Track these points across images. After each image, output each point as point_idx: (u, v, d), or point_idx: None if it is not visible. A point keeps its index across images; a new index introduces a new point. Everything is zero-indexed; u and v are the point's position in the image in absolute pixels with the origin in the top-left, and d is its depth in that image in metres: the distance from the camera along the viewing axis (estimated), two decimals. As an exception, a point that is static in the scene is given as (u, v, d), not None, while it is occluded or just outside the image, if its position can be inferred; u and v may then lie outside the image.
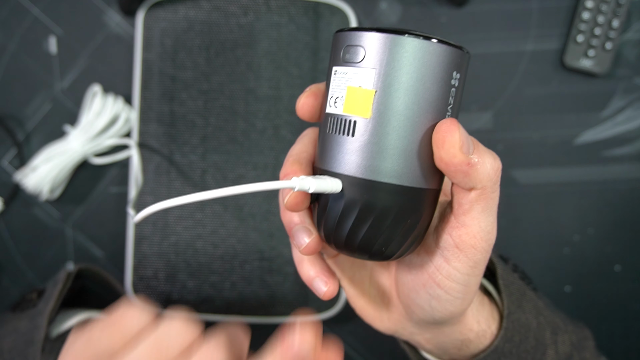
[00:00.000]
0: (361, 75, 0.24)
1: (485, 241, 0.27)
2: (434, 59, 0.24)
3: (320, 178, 0.25)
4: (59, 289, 0.37)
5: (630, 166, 0.51)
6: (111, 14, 0.50)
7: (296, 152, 0.28)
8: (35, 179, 0.47)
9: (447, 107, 0.25)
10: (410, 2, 0.51)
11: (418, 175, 0.25)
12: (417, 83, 0.24)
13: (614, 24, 0.49)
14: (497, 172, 0.27)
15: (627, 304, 0.52)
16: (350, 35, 0.25)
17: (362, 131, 0.25)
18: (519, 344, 0.34)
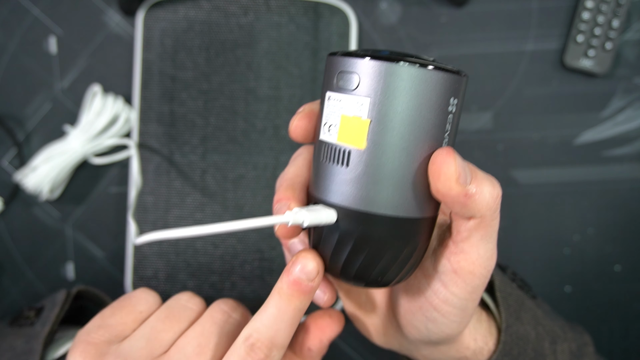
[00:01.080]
0: (355, 104, 0.24)
1: (484, 267, 0.27)
2: (431, 87, 0.23)
3: (314, 210, 0.25)
4: (56, 312, 0.36)
5: (630, 166, 0.51)
6: (111, 14, 0.50)
7: (290, 177, 0.27)
8: (35, 179, 0.47)
9: (444, 135, 0.24)
10: (410, 2, 0.51)
11: (414, 205, 0.25)
12: (413, 112, 0.23)
13: (614, 24, 0.49)
14: (496, 200, 0.26)
15: (627, 304, 0.52)
16: (344, 61, 0.24)
17: (356, 162, 0.24)
18: (517, 357, 0.33)
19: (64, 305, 0.37)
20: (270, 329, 0.26)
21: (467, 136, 0.50)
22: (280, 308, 0.26)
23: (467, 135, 0.50)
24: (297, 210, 0.24)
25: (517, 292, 0.36)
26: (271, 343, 0.26)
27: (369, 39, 0.50)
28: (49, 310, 0.37)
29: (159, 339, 0.28)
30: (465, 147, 0.50)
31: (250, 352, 0.26)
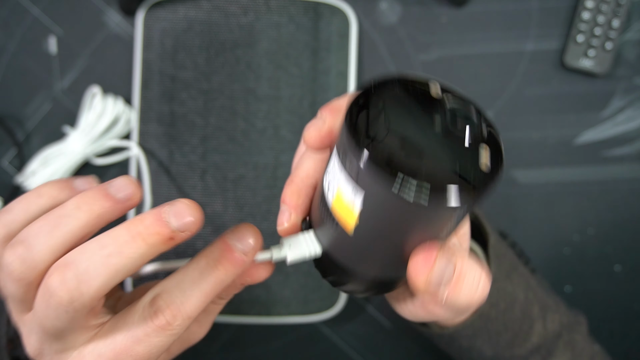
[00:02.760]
0: (351, 191, 0.21)
1: (478, 297, 0.25)
2: (433, 219, 0.20)
3: (298, 245, 0.25)
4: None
5: (630, 166, 0.51)
6: (111, 14, 0.50)
7: (300, 178, 0.26)
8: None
9: (437, 236, 0.22)
10: (410, 2, 0.51)
11: (392, 273, 0.24)
12: (404, 233, 0.21)
13: (614, 24, 0.49)
14: (480, 298, 0.24)
15: (627, 304, 0.52)
16: (352, 145, 0.20)
17: (342, 237, 0.23)
18: (505, 311, 0.34)
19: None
20: (183, 295, 0.24)
21: (467, 136, 0.50)
22: (202, 273, 0.24)
23: (467, 135, 0.50)
24: (281, 248, 0.25)
25: (512, 257, 0.37)
26: (179, 311, 0.23)
27: (369, 39, 0.50)
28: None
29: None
30: (465, 147, 0.50)
31: (154, 317, 0.23)
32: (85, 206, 0.23)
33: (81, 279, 0.22)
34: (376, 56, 0.51)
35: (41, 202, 0.25)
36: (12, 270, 0.23)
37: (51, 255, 0.23)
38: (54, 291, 0.22)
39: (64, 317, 0.22)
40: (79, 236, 0.23)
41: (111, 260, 0.22)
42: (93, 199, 0.24)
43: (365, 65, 0.51)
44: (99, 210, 0.24)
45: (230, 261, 0.24)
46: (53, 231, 0.23)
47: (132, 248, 0.22)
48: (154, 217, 0.22)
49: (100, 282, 0.22)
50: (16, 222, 0.25)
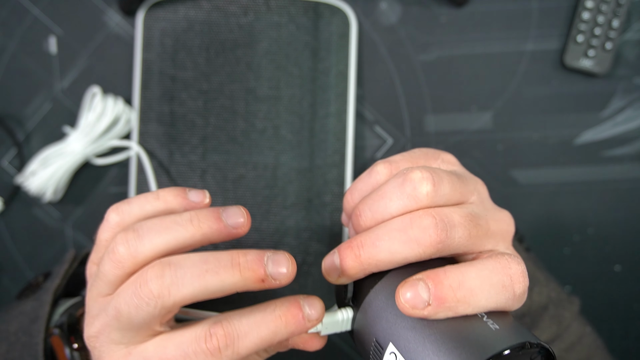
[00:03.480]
0: None
1: None
2: None
3: (335, 325, 0.27)
4: (65, 268, 0.37)
5: (630, 166, 0.51)
6: (111, 14, 0.50)
7: (371, 264, 0.26)
8: (38, 183, 0.47)
9: None
10: (410, 2, 0.51)
11: None
12: None
13: (614, 24, 0.49)
14: None
15: (627, 304, 0.52)
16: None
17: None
18: None
19: (72, 262, 0.37)
20: (242, 330, 0.25)
21: (467, 136, 0.50)
22: (266, 318, 0.25)
23: (467, 135, 0.50)
24: (320, 324, 0.27)
25: None
26: (232, 342, 0.25)
27: (369, 39, 0.50)
28: (57, 269, 0.37)
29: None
30: (465, 147, 0.50)
31: (209, 339, 0.24)
32: (196, 222, 0.26)
33: (176, 281, 0.24)
34: (376, 56, 0.51)
35: (156, 204, 0.28)
36: (116, 251, 0.25)
37: (154, 252, 0.25)
38: (149, 281, 0.24)
39: (143, 309, 0.24)
40: (182, 245, 0.26)
41: (207, 276, 0.24)
42: (206, 217, 0.26)
43: (365, 65, 0.51)
44: (207, 230, 0.26)
45: (295, 318, 0.26)
46: (164, 232, 0.25)
47: (227, 273, 0.24)
48: (256, 256, 0.25)
49: (189, 291, 0.24)
50: (131, 214, 0.28)
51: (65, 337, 0.31)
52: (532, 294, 0.39)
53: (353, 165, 0.49)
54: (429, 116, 0.51)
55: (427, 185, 0.25)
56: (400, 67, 0.51)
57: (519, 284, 0.24)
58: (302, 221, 0.48)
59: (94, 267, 0.29)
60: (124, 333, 0.25)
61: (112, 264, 0.25)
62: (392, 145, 0.51)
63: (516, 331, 0.23)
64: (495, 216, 0.27)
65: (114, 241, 0.25)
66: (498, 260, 0.24)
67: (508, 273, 0.24)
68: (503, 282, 0.24)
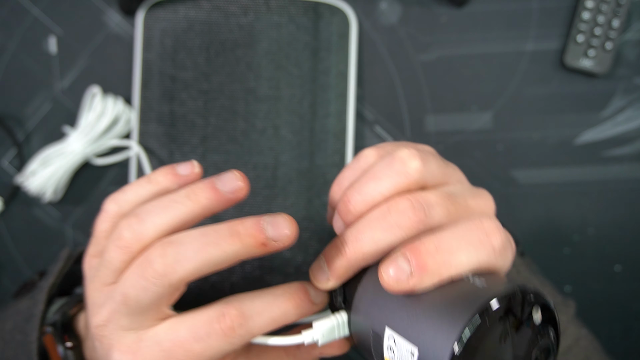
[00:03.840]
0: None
1: None
2: None
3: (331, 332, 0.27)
4: (60, 266, 0.37)
5: (630, 166, 0.51)
6: (111, 14, 0.50)
7: (357, 259, 0.26)
8: (38, 182, 0.47)
9: None
10: (410, 2, 0.51)
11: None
12: None
13: (614, 24, 0.49)
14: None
15: (627, 304, 0.52)
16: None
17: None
18: None
19: (67, 261, 0.37)
20: (254, 310, 0.25)
21: (467, 136, 0.50)
22: (276, 299, 0.26)
23: (467, 135, 0.50)
24: (314, 333, 0.27)
25: None
26: (245, 321, 0.25)
27: (369, 39, 0.50)
28: (52, 267, 0.37)
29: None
30: (465, 147, 0.50)
31: (221, 319, 0.25)
32: (193, 196, 0.26)
33: (179, 257, 0.24)
34: (376, 56, 0.51)
35: (149, 187, 0.29)
36: (122, 237, 0.25)
37: (158, 232, 0.25)
38: (153, 261, 0.24)
39: (151, 290, 0.24)
40: (184, 221, 0.26)
41: (208, 248, 0.24)
42: (201, 190, 0.26)
43: (365, 65, 0.51)
44: (205, 202, 0.26)
45: (302, 299, 0.27)
46: (163, 212, 0.25)
47: (228, 243, 0.24)
48: (254, 222, 0.25)
49: (193, 265, 0.24)
50: (128, 202, 0.28)
51: (59, 336, 0.31)
52: None
53: (353, 165, 0.49)
54: (429, 116, 0.51)
55: (415, 161, 0.25)
56: (400, 67, 0.51)
57: (495, 236, 0.24)
58: (302, 221, 0.48)
59: (94, 260, 0.29)
60: (133, 318, 0.25)
61: (119, 250, 0.25)
62: (392, 145, 0.51)
63: (506, 283, 0.23)
64: (473, 193, 0.27)
65: (118, 228, 0.26)
66: (470, 219, 0.25)
67: (481, 227, 0.24)
68: (479, 238, 0.24)
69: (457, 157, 0.50)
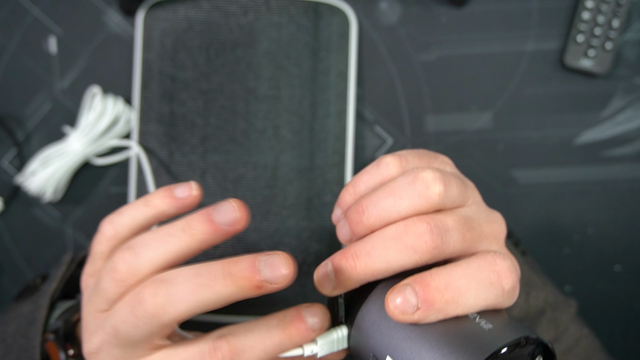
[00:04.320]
0: None
1: None
2: None
3: (331, 343, 0.26)
4: (63, 271, 0.37)
5: (630, 166, 0.51)
6: (111, 14, 0.50)
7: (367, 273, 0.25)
8: (38, 182, 0.47)
9: None
10: (410, 2, 0.51)
11: None
12: None
13: (614, 24, 0.49)
14: None
15: (627, 304, 0.52)
16: None
17: None
18: None
19: (70, 265, 0.37)
20: (247, 343, 0.25)
21: (467, 136, 0.50)
22: (270, 331, 0.25)
23: (467, 135, 0.50)
24: (314, 346, 0.26)
25: None
26: (237, 356, 0.25)
27: (369, 39, 0.50)
28: (54, 271, 0.37)
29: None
30: (465, 147, 0.50)
31: (213, 353, 0.24)
32: (189, 230, 0.25)
33: (170, 298, 0.23)
34: (376, 56, 0.51)
35: (146, 210, 0.29)
36: (117, 269, 0.25)
37: (153, 267, 0.25)
38: (144, 300, 0.23)
39: (141, 328, 0.24)
40: (180, 255, 0.26)
41: (201, 290, 0.23)
42: (198, 223, 0.25)
43: (365, 65, 0.51)
44: (201, 236, 0.26)
45: (298, 330, 0.25)
46: (158, 247, 0.25)
47: (221, 285, 0.23)
48: (248, 263, 0.24)
49: (185, 307, 0.23)
50: (124, 225, 0.28)
51: (61, 343, 0.31)
52: (529, 299, 0.38)
53: (353, 165, 0.49)
54: (429, 116, 0.51)
55: (439, 186, 0.24)
56: (400, 67, 0.51)
57: (507, 279, 0.24)
58: (302, 221, 0.48)
59: (90, 279, 0.29)
60: (125, 349, 0.25)
61: (113, 282, 0.25)
62: (392, 145, 0.51)
63: (511, 328, 0.23)
64: (488, 218, 0.27)
65: (113, 261, 0.25)
66: (483, 258, 0.24)
67: (494, 269, 0.24)
68: (490, 279, 0.24)
69: (457, 157, 0.50)
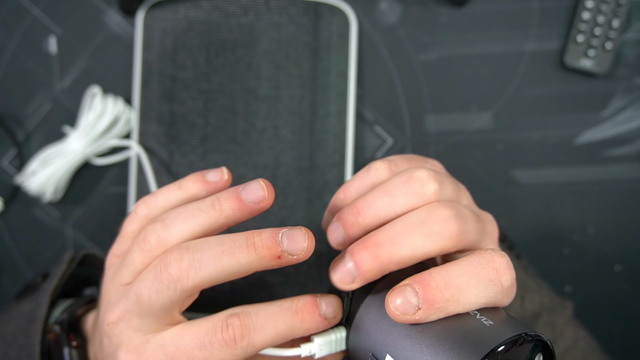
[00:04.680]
0: None
1: None
2: None
3: (328, 346, 0.27)
4: (63, 269, 0.37)
5: (630, 166, 0.51)
6: (111, 14, 0.50)
7: (395, 262, 0.25)
8: (38, 182, 0.47)
9: None
10: (410, 2, 0.51)
11: None
12: None
13: (614, 24, 0.49)
14: None
15: (627, 304, 0.52)
16: None
17: None
18: None
19: (70, 263, 0.38)
20: (258, 322, 0.25)
21: (467, 136, 0.50)
22: (283, 312, 0.26)
23: (467, 135, 0.50)
24: (312, 347, 0.26)
25: None
26: (248, 333, 0.25)
27: (369, 39, 0.50)
28: (55, 269, 0.38)
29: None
30: (465, 147, 0.50)
31: (225, 329, 0.25)
32: (217, 205, 0.26)
33: (193, 263, 0.24)
34: (376, 56, 0.51)
35: (179, 193, 0.30)
36: (147, 240, 0.26)
37: (181, 239, 0.26)
38: (168, 264, 0.24)
39: (164, 293, 0.24)
40: (208, 230, 0.26)
41: (223, 257, 0.24)
42: (226, 199, 0.26)
43: (365, 65, 0.51)
44: (229, 212, 0.26)
45: (311, 314, 0.26)
46: (187, 220, 0.26)
47: (243, 253, 0.24)
48: (270, 234, 0.25)
49: (207, 272, 0.24)
50: (157, 206, 0.29)
51: (65, 335, 0.31)
52: (525, 302, 0.39)
53: (353, 165, 0.49)
54: (429, 116, 0.51)
55: (434, 183, 0.25)
56: (400, 67, 0.51)
57: (505, 276, 0.24)
58: (302, 221, 0.48)
59: (115, 259, 0.30)
60: (144, 319, 0.25)
61: (143, 252, 0.26)
62: (392, 145, 0.51)
63: (511, 324, 0.23)
64: (485, 216, 0.27)
65: (144, 232, 0.26)
66: (482, 255, 0.24)
67: (493, 266, 0.24)
68: (489, 276, 0.24)
69: (457, 157, 0.50)
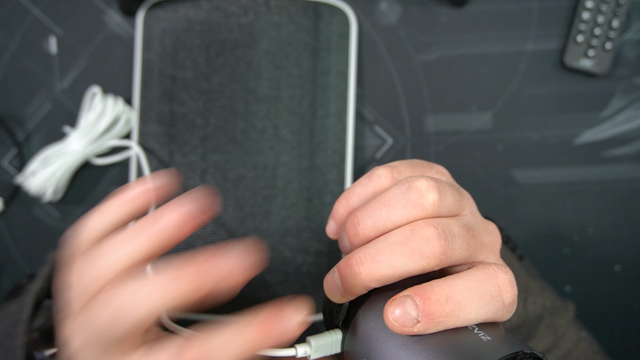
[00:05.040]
0: None
1: None
2: None
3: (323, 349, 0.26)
4: (48, 269, 0.37)
5: (630, 166, 0.51)
6: (111, 14, 0.50)
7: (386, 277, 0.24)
8: (38, 182, 0.47)
9: None
10: (410, 2, 0.51)
11: None
12: None
13: (614, 24, 0.49)
14: None
15: (627, 304, 0.52)
16: None
17: None
18: None
19: (54, 264, 0.37)
20: (215, 348, 0.23)
21: (467, 136, 0.50)
22: (243, 330, 0.23)
23: (467, 135, 0.50)
24: (308, 348, 0.26)
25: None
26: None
27: (369, 39, 0.50)
28: (40, 271, 0.37)
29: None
30: (465, 147, 0.50)
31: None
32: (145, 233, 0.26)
33: (129, 303, 0.23)
34: (376, 56, 0.51)
35: (123, 210, 0.29)
36: (83, 277, 0.25)
37: (116, 270, 0.25)
38: (118, 295, 0.23)
39: (118, 323, 0.23)
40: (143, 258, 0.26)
41: (172, 286, 0.24)
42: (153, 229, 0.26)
43: (365, 65, 0.51)
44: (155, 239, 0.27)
45: (275, 326, 0.23)
46: (121, 249, 0.26)
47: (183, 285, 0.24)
48: (201, 260, 0.25)
49: (156, 305, 0.23)
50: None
51: (43, 341, 0.31)
52: (527, 304, 0.38)
53: (353, 165, 0.49)
54: (429, 116, 0.51)
55: (433, 194, 0.24)
56: (400, 67, 0.51)
57: (507, 293, 0.24)
58: (302, 221, 0.48)
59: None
60: (105, 349, 0.24)
61: (81, 288, 0.25)
62: (392, 145, 0.51)
63: (508, 341, 0.23)
64: (485, 228, 0.27)
65: (77, 267, 0.25)
66: (485, 271, 0.24)
67: (495, 283, 0.23)
68: (491, 293, 0.23)
69: (457, 157, 0.50)
